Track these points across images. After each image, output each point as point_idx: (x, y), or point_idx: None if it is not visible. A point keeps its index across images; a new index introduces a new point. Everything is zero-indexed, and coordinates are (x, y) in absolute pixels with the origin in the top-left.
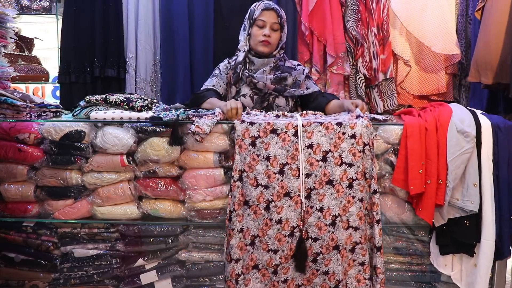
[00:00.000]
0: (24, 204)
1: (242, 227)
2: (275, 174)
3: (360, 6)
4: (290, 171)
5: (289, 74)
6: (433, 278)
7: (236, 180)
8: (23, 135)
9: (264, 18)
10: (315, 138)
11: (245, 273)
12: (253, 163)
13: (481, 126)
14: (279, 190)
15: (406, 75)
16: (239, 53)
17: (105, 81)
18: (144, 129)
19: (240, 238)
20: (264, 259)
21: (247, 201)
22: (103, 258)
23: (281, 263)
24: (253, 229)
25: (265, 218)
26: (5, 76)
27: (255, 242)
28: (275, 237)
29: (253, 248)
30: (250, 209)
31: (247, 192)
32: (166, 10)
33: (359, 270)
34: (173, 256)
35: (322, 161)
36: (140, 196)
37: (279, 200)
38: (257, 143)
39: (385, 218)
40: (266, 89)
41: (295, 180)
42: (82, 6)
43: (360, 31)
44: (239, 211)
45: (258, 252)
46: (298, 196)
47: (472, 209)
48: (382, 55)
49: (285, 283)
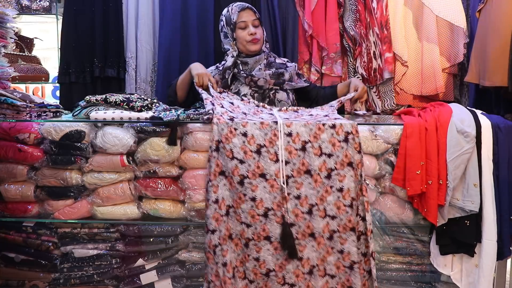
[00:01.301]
0: (24, 204)
1: (217, 198)
2: (252, 152)
3: (358, 6)
4: (267, 154)
5: (285, 70)
6: (433, 278)
7: (213, 150)
8: (23, 135)
9: (244, 18)
10: (294, 128)
11: (222, 244)
12: (230, 135)
13: (481, 126)
14: (254, 169)
15: (403, 75)
16: (228, 58)
17: (105, 81)
18: (144, 129)
19: (216, 209)
20: (238, 229)
21: (223, 171)
22: (103, 258)
23: (253, 239)
24: (228, 199)
25: (238, 192)
26: (5, 76)
27: (230, 212)
28: (248, 212)
29: (228, 218)
30: (226, 179)
31: (223, 163)
32: (165, 10)
33: (338, 258)
34: (173, 256)
35: (301, 150)
36: (140, 196)
37: (254, 178)
38: (235, 120)
39: (385, 218)
40: (267, 84)
41: (271, 164)
42: (82, 6)
43: (359, 31)
44: (214, 181)
45: (232, 222)
46: (274, 180)
47: (473, 209)
48: (388, 53)
49: (257, 262)
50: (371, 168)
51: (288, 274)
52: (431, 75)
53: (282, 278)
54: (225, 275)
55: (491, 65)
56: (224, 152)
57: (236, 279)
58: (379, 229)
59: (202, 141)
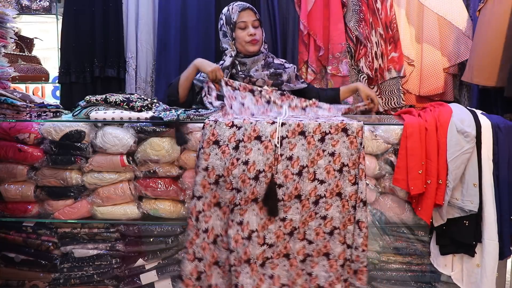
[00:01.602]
0: (24, 204)
1: (207, 166)
2: (248, 120)
3: (362, 6)
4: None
5: (283, 71)
6: (433, 278)
7: (209, 121)
8: (23, 135)
9: (244, 19)
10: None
11: (205, 210)
12: (230, 101)
13: (481, 126)
14: (250, 132)
15: (409, 75)
16: (226, 58)
17: (105, 81)
18: (144, 129)
19: (204, 176)
20: (226, 197)
21: (217, 141)
22: (103, 258)
23: (240, 205)
24: (218, 169)
25: (232, 158)
26: (5, 76)
27: (219, 182)
28: (239, 177)
29: (216, 187)
30: (219, 149)
31: (219, 132)
32: (164, 10)
33: (320, 224)
34: (173, 256)
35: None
36: (140, 196)
37: (249, 141)
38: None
39: (385, 218)
40: (265, 85)
41: (268, 126)
42: (82, 6)
43: (363, 31)
44: (206, 149)
45: (221, 191)
46: (269, 141)
47: (472, 209)
48: (394, 53)
49: (240, 225)
50: (371, 168)
51: (269, 234)
52: (431, 76)
53: (263, 238)
54: (205, 241)
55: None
56: (223, 123)
57: (219, 248)
58: (379, 229)
59: None
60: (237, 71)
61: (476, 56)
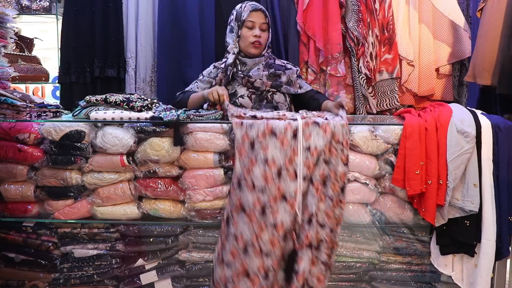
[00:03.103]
0: (24, 204)
1: None
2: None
3: (360, 6)
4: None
5: (282, 72)
6: (433, 278)
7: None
8: (23, 135)
9: (253, 19)
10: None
11: (233, 213)
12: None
13: (481, 126)
14: (264, 129)
15: (409, 75)
16: (229, 55)
17: (105, 81)
18: (144, 129)
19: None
20: (250, 199)
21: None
22: (103, 258)
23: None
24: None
25: (250, 157)
26: (5, 76)
27: (241, 185)
28: (262, 175)
29: (239, 190)
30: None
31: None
32: (164, 10)
33: (329, 205)
34: (173, 256)
35: None
36: (140, 196)
37: (264, 138)
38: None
39: (385, 218)
40: (263, 86)
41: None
42: (82, 6)
43: (361, 31)
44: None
45: (243, 193)
46: (285, 135)
47: (472, 209)
48: (388, 55)
49: (274, 227)
50: (371, 168)
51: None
52: (429, 75)
53: (295, 233)
54: (234, 247)
55: (483, 63)
56: None
57: (249, 255)
58: (379, 229)
59: (202, 141)
60: (237, 70)
61: (478, 56)
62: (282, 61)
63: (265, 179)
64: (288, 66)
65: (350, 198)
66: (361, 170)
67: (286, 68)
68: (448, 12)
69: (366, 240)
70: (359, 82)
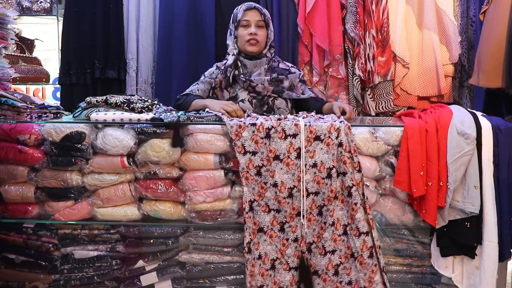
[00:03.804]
0: (24, 205)
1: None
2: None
3: (358, 8)
4: (276, 134)
5: (285, 77)
6: (434, 280)
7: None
8: (24, 136)
9: (248, 17)
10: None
11: (253, 238)
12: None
13: (481, 128)
14: (267, 154)
15: (404, 77)
16: (229, 57)
17: (106, 82)
18: (145, 131)
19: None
20: (266, 220)
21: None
22: (103, 259)
23: (286, 221)
24: (249, 195)
25: (259, 183)
26: (5, 77)
27: (254, 207)
28: (274, 198)
29: (253, 213)
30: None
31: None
32: (164, 11)
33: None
34: (174, 257)
35: None
36: (140, 197)
37: (269, 164)
38: None
39: (385, 220)
40: (265, 91)
41: (282, 142)
42: (82, 8)
43: (358, 32)
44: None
45: (259, 215)
46: (288, 157)
47: (473, 211)
48: (381, 57)
49: (297, 242)
50: (371, 170)
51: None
52: (434, 76)
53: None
54: (262, 267)
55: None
56: (236, 149)
57: (278, 271)
58: (379, 231)
59: (202, 142)
60: (239, 73)
61: (482, 58)
62: (287, 64)
63: (278, 201)
64: (292, 70)
65: None
66: None
67: (290, 72)
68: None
69: None
70: (353, 84)
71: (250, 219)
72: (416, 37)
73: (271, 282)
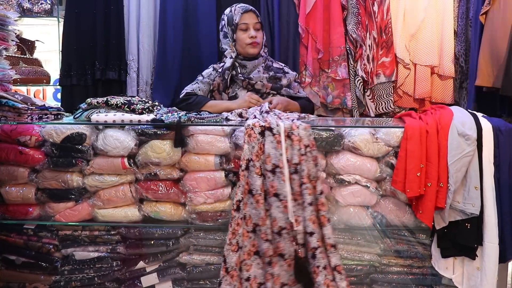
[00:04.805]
0: (25, 207)
1: (245, 215)
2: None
3: (360, 9)
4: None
5: (283, 75)
6: (434, 281)
7: (243, 170)
8: (24, 137)
9: (246, 20)
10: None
11: (246, 259)
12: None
13: (482, 129)
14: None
15: (406, 78)
16: (226, 59)
17: (106, 83)
18: (145, 132)
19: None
20: (263, 247)
21: (251, 190)
22: (104, 260)
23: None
24: (254, 218)
25: (263, 209)
26: (6, 78)
27: (256, 230)
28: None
29: (254, 235)
30: (253, 198)
31: (251, 181)
32: (165, 12)
33: (325, 275)
34: (174, 258)
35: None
36: (141, 198)
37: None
38: None
39: (386, 221)
40: (264, 88)
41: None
42: (83, 9)
43: (360, 33)
44: (244, 199)
45: (258, 240)
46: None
47: (473, 212)
48: (385, 58)
49: (272, 277)
50: (372, 170)
51: None
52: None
53: None
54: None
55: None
56: (254, 170)
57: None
58: (380, 232)
59: (203, 143)
60: (237, 73)
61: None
62: (280, 63)
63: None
64: (285, 69)
65: (351, 201)
66: (362, 173)
67: (285, 71)
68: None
69: (367, 242)
70: (355, 85)
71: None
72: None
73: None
